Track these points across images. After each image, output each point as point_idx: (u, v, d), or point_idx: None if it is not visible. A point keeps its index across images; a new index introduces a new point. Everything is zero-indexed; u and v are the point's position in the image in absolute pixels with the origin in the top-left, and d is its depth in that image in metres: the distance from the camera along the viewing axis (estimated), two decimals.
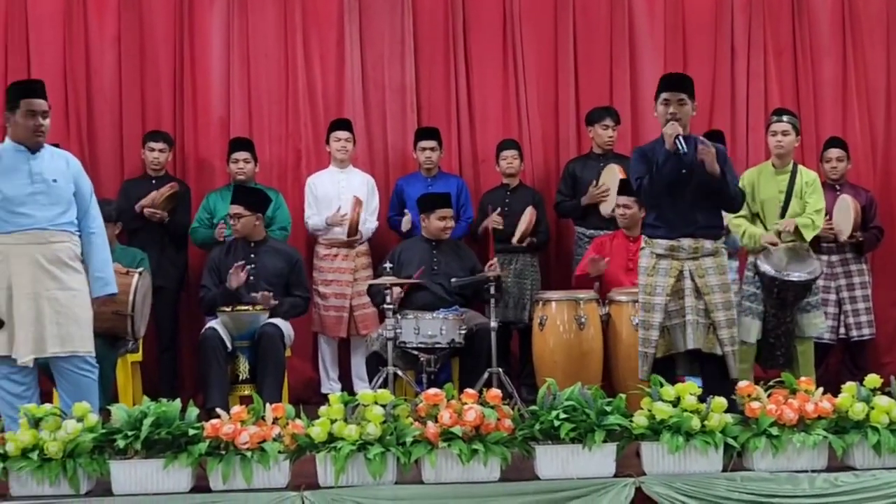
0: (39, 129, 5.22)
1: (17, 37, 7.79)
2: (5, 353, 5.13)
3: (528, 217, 7.28)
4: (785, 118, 6.59)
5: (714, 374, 5.53)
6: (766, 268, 6.24)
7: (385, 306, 6.25)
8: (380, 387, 5.91)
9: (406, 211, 7.50)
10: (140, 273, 6.03)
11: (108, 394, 5.92)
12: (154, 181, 7.40)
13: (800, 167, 6.60)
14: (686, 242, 5.54)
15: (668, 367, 5.48)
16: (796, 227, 6.37)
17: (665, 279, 5.55)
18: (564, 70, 8.22)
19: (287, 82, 8.05)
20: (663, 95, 5.62)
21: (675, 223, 5.55)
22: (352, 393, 4.93)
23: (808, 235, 6.40)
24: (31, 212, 5.13)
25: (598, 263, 6.74)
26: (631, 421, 4.76)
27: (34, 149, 5.22)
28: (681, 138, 5.42)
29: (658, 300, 5.55)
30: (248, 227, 6.79)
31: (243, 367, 6.49)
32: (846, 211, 7.11)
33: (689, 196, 5.54)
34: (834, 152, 7.52)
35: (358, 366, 7.39)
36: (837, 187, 7.40)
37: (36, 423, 4.70)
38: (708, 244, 5.57)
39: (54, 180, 5.21)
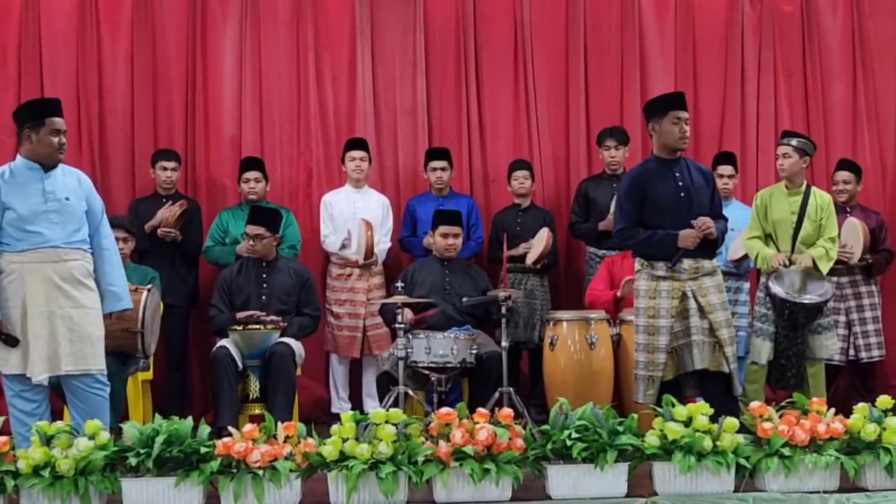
0: (63, 147, 5.23)
1: (31, 56, 7.80)
2: (19, 371, 5.11)
3: (545, 240, 7.26)
4: (793, 141, 6.56)
5: (718, 392, 5.52)
6: (777, 290, 6.22)
7: (396, 326, 6.25)
8: (390, 406, 5.90)
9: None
10: (149, 290, 6.01)
11: (119, 412, 5.90)
12: (164, 200, 7.41)
13: (813, 189, 6.59)
14: (686, 263, 5.57)
15: (671, 388, 5.46)
16: (813, 261, 6.35)
17: (668, 301, 5.57)
18: (575, 90, 8.24)
19: (299, 102, 8.07)
20: (679, 115, 5.65)
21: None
22: (362, 412, 4.93)
23: (825, 268, 6.35)
24: (44, 230, 5.12)
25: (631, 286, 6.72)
26: (643, 441, 4.76)
27: (49, 167, 5.22)
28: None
29: (663, 322, 5.56)
30: (267, 248, 6.83)
31: (254, 386, 6.50)
32: (854, 233, 7.10)
33: (689, 218, 5.57)
34: (842, 175, 7.52)
35: (369, 385, 7.38)
36: (848, 209, 7.39)
37: (48, 440, 4.69)
38: (706, 263, 5.61)
39: (67, 198, 5.19)
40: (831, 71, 8.43)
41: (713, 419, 4.81)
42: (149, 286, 6.10)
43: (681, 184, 5.64)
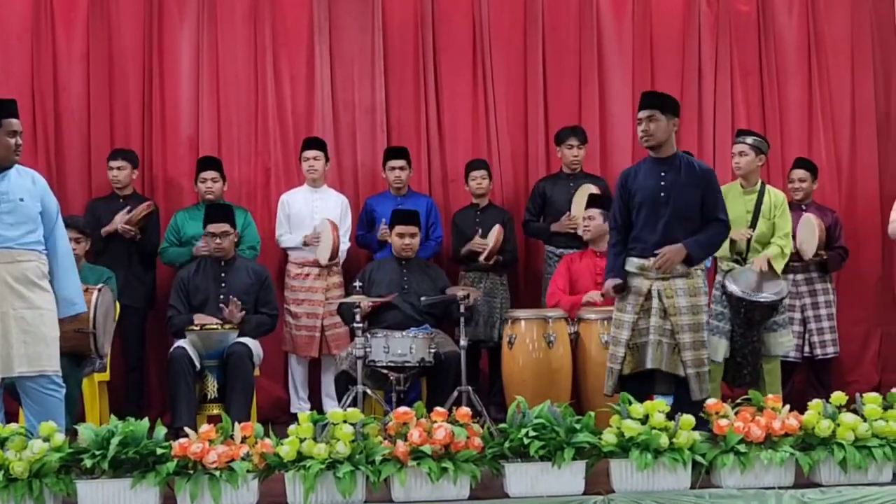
0: (19, 148, 5.19)
1: None
2: None
3: (495, 235, 7.28)
4: (749, 140, 6.63)
5: (683, 394, 5.55)
6: (733, 288, 6.26)
7: (355, 325, 6.23)
8: (349, 406, 5.89)
9: (385, 221, 7.45)
10: (100, 289, 5.94)
11: (74, 413, 5.84)
12: (121, 200, 7.35)
13: (768, 187, 6.65)
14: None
15: (641, 384, 5.49)
16: (769, 261, 6.40)
17: (635, 297, 5.59)
18: (534, 89, 8.26)
19: (257, 101, 8.03)
20: (638, 115, 5.67)
21: (648, 242, 5.59)
22: (321, 412, 4.91)
23: (779, 266, 6.43)
24: None
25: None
26: (600, 438, 4.77)
27: (4, 168, 5.15)
28: None
29: (627, 317, 5.60)
30: (231, 244, 6.80)
31: (212, 387, 6.44)
32: (810, 230, 7.17)
33: (665, 217, 5.59)
34: (797, 173, 7.59)
35: (328, 385, 7.36)
36: (803, 207, 7.47)
37: (1, 443, 4.65)
38: (679, 265, 5.59)
39: (21, 199, 5.14)
40: (787, 70, 8.51)
41: (670, 416, 4.84)
42: (99, 286, 6.03)
43: (662, 183, 5.61)
